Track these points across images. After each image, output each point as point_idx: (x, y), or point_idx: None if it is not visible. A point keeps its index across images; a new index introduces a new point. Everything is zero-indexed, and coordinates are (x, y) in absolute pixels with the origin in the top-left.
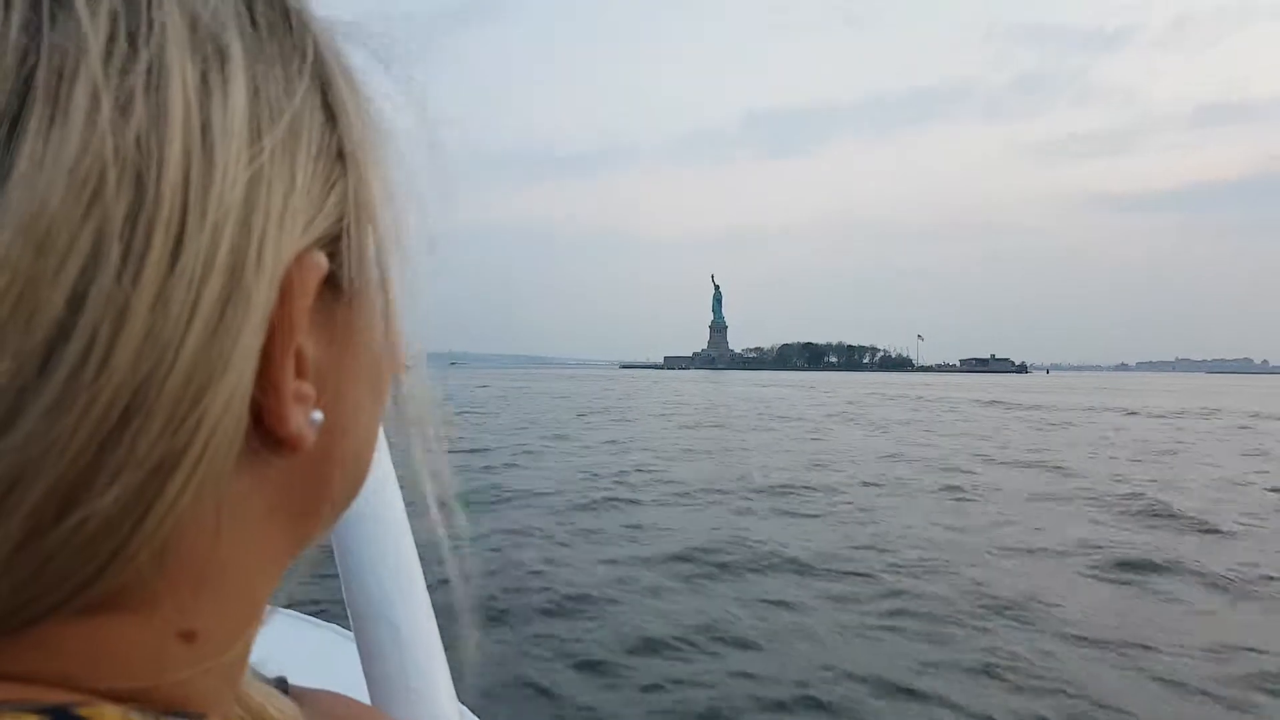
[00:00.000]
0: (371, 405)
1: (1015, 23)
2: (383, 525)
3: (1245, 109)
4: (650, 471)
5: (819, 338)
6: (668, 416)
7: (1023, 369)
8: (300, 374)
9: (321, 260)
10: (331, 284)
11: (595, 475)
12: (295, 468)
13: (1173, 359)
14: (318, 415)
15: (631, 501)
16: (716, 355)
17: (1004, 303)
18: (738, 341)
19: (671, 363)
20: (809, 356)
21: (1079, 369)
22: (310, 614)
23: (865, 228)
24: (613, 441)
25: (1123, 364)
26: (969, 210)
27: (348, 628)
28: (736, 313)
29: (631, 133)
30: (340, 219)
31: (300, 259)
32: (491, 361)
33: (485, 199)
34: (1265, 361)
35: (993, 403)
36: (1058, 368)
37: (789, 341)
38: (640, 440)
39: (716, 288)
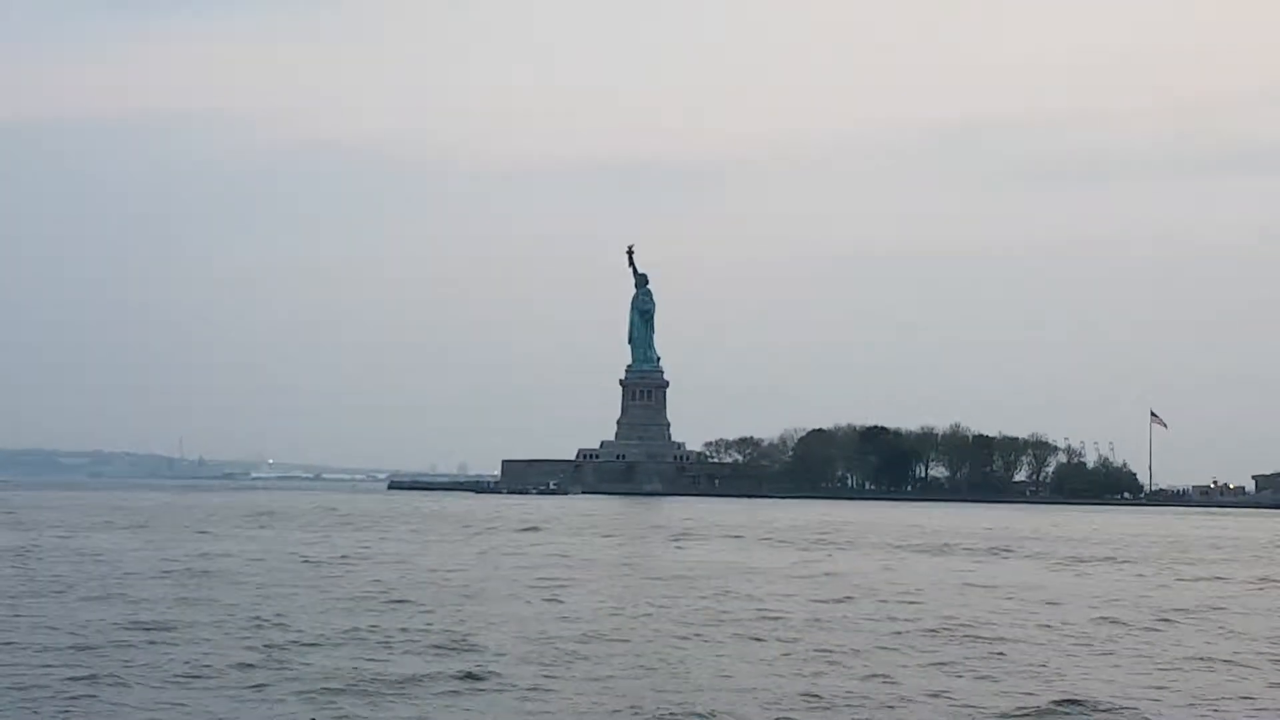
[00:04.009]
0: None
1: None
2: None
3: None
4: None
5: (882, 417)
6: None
7: None
8: None
9: None
10: None
11: None
12: None
13: None
14: None
15: None
16: (641, 457)
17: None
18: (692, 429)
19: (519, 477)
20: (881, 461)
21: None
22: None
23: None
24: None
25: None
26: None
27: None
28: (686, 352)
29: None
30: None
31: None
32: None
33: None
34: None
35: None
36: None
37: (824, 425)
38: None
39: (640, 279)
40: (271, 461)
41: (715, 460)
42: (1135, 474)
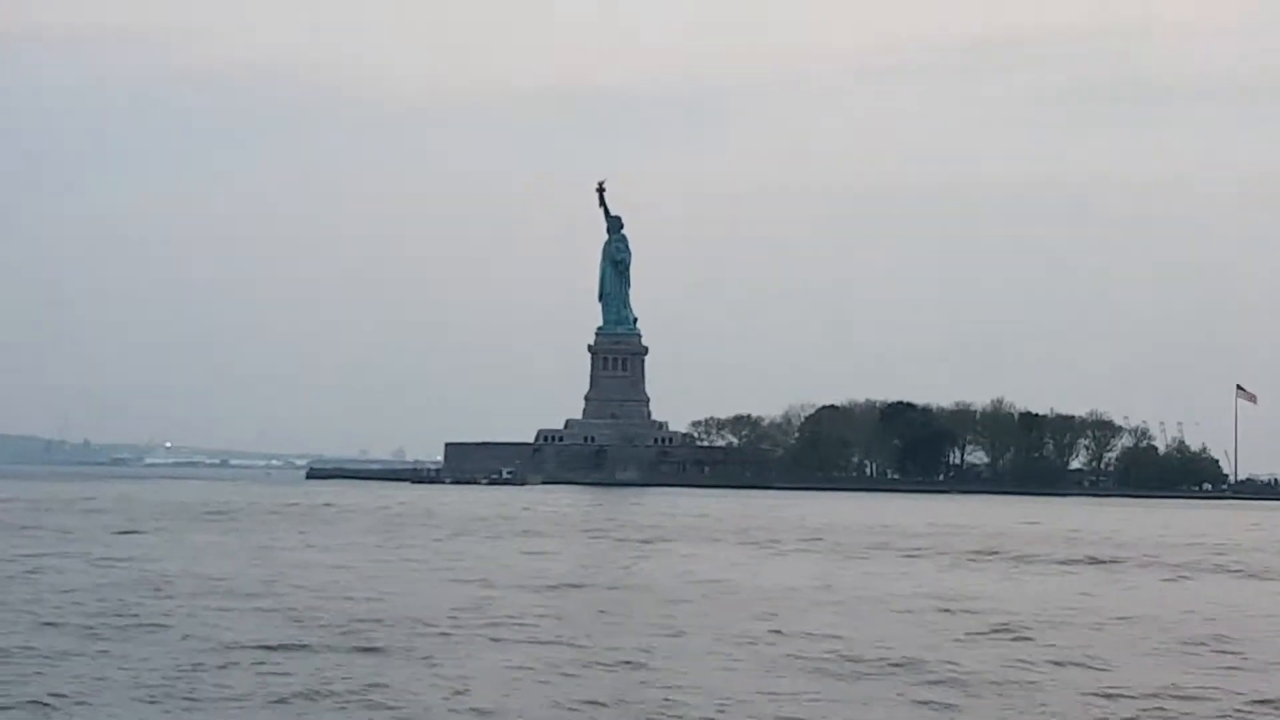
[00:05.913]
0: None
1: None
2: None
3: None
4: None
5: (908, 392)
6: None
7: None
8: None
9: None
10: None
11: None
12: None
13: None
14: None
15: None
16: (614, 439)
17: None
18: (676, 406)
19: (466, 464)
20: (906, 444)
21: None
22: None
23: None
24: None
25: None
26: None
27: None
28: (670, 311)
29: None
30: None
31: None
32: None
33: None
34: None
35: None
36: None
37: (837, 401)
38: None
39: (613, 223)
40: (169, 445)
41: (705, 444)
42: (1217, 460)
